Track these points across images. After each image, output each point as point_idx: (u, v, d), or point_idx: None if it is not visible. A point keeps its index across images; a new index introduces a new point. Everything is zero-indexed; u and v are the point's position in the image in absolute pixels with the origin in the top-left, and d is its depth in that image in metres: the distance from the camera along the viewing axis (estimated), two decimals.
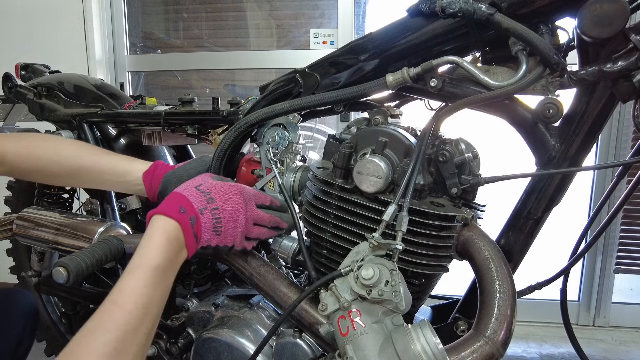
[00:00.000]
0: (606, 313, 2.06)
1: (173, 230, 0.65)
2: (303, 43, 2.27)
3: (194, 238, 0.67)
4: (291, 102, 0.78)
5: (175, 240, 0.65)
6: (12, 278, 1.47)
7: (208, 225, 0.69)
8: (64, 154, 0.90)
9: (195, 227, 0.67)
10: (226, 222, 0.71)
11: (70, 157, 0.90)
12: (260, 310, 0.92)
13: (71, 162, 0.90)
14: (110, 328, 0.55)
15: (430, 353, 0.55)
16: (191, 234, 0.66)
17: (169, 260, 0.63)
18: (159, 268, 0.61)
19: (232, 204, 0.71)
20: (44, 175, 0.92)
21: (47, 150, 0.90)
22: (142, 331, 0.58)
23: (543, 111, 0.66)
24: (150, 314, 0.59)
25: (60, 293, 1.25)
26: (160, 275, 0.61)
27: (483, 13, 0.63)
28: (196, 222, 0.67)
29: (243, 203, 0.73)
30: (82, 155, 0.91)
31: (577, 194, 1.37)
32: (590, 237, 0.92)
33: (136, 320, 0.57)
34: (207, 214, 0.68)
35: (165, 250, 0.63)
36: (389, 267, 0.61)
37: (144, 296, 0.59)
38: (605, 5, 0.59)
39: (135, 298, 0.58)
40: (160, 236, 0.64)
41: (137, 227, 1.23)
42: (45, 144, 0.92)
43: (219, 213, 0.70)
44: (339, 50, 0.80)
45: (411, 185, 0.65)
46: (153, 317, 0.60)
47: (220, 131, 1.04)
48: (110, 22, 2.29)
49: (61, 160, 0.90)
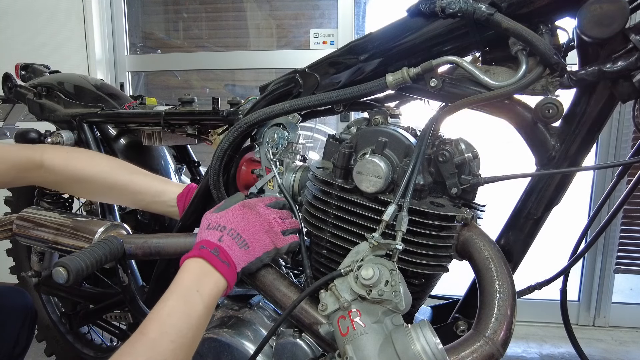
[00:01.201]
0: (606, 313, 2.06)
1: (198, 265, 0.66)
2: (303, 43, 2.27)
3: (225, 264, 0.67)
4: (291, 102, 0.78)
5: (201, 271, 0.66)
6: (12, 278, 1.47)
7: (232, 247, 0.69)
8: (98, 169, 0.91)
9: (221, 255, 0.68)
10: (247, 234, 0.71)
11: (106, 173, 0.91)
12: (260, 310, 0.92)
13: (106, 177, 0.91)
14: (133, 354, 0.56)
15: (430, 353, 0.55)
16: (219, 261, 0.67)
17: (194, 291, 0.63)
18: (183, 297, 0.62)
19: (240, 218, 0.72)
20: (78, 188, 0.93)
21: (82, 163, 0.91)
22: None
23: (543, 111, 0.66)
24: (175, 342, 0.58)
25: (60, 293, 1.25)
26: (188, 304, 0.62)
27: (483, 13, 0.63)
28: (219, 251, 0.68)
29: (249, 210, 0.74)
30: (117, 173, 0.92)
31: (577, 194, 1.38)
32: (590, 237, 0.92)
33: (160, 348, 0.57)
34: (225, 239, 0.69)
35: (191, 282, 0.64)
36: (389, 267, 0.61)
37: (167, 325, 0.59)
38: (605, 5, 0.59)
39: (159, 327, 0.58)
40: (184, 273, 0.65)
41: (137, 227, 1.23)
42: (80, 155, 0.93)
43: (235, 232, 0.70)
44: (339, 50, 0.80)
45: (411, 185, 0.65)
46: (181, 347, 0.59)
47: (220, 131, 1.04)
48: (110, 22, 2.29)
49: (96, 175, 0.90)
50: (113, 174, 0.91)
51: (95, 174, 0.90)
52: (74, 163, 0.90)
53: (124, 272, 0.87)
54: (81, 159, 0.92)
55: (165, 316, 0.60)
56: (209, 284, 0.65)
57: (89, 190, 0.93)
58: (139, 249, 0.82)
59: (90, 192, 0.94)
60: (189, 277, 0.65)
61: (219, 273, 0.66)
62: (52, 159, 0.88)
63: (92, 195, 1.01)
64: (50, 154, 0.89)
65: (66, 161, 0.89)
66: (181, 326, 0.60)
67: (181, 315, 0.60)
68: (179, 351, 0.59)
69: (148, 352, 0.56)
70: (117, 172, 0.92)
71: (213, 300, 0.65)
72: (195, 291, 0.63)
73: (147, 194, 0.92)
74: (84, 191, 0.95)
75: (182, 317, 0.60)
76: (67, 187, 0.94)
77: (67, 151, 0.94)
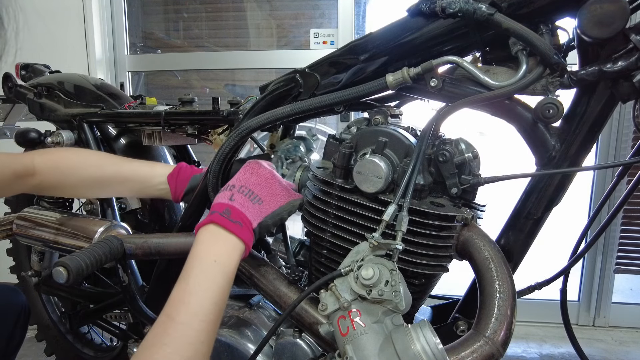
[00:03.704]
0: (606, 313, 2.06)
1: (210, 232, 0.64)
2: (303, 43, 2.27)
3: (238, 224, 0.65)
4: (292, 106, 0.78)
5: (215, 238, 0.64)
6: (12, 278, 1.47)
7: (245, 203, 0.68)
8: (86, 165, 0.92)
9: (233, 215, 0.66)
10: (259, 189, 0.70)
11: (93, 167, 0.92)
12: (260, 310, 0.92)
13: (94, 173, 0.91)
14: (167, 341, 0.55)
15: (430, 353, 0.55)
16: (230, 223, 0.65)
17: (212, 262, 0.62)
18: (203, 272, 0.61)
19: (249, 174, 0.71)
20: (71, 188, 0.93)
21: (71, 162, 0.91)
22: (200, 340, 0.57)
23: (543, 111, 0.66)
24: (205, 321, 0.58)
25: (60, 293, 1.25)
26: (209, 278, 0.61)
27: (483, 13, 0.63)
28: (231, 211, 0.66)
29: (256, 165, 0.73)
30: (104, 165, 0.93)
31: (577, 194, 1.38)
32: (590, 237, 0.92)
33: (192, 331, 0.56)
34: (237, 197, 0.68)
35: (207, 253, 0.62)
36: (389, 267, 0.61)
37: (194, 305, 0.58)
38: (605, 5, 0.59)
39: (185, 309, 0.58)
40: (198, 244, 0.64)
41: (137, 227, 1.23)
42: (69, 155, 0.94)
43: (246, 189, 0.69)
44: (339, 50, 0.80)
45: (411, 185, 0.65)
46: (210, 323, 0.59)
47: (220, 131, 1.04)
48: (111, 22, 2.29)
49: (84, 171, 0.91)
50: (100, 167, 0.92)
51: (85, 169, 0.91)
52: (65, 163, 0.91)
53: (124, 272, 0.87)
54: (70, 157, 0.93)
55: (190, 296, 0.59)
56: (225, 250, 0.63)
57: (82, 187, 0.94)
58: (139, 249, 0.82)
59: (84, 189, 0.94)
60: (204, 247, 0.63)
61: (234, 235, 0.64)
62: (44, 162, 0.88)
63: (86, 193, 1.01)
64: (40, 158, 0.89)
65: (57, 163, 0.90)
66: (206, 303, 0.59)
67: (205, 292, 0.60)
68: (210, 327, 0.59)
69: (182, 337, 0.56)
70: (104, 164, 0.93)
71: (233, 266, 0.64)
72: (213, 262, 0.62)
73: (136, 181, 0.92)
74: (78, 190, 0.95)
75: (206, 293, 0.59)
76: (62, 190, 0.94)
77: (55, 152, 0.95)
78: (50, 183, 0.90)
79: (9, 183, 0.85)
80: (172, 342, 0.55)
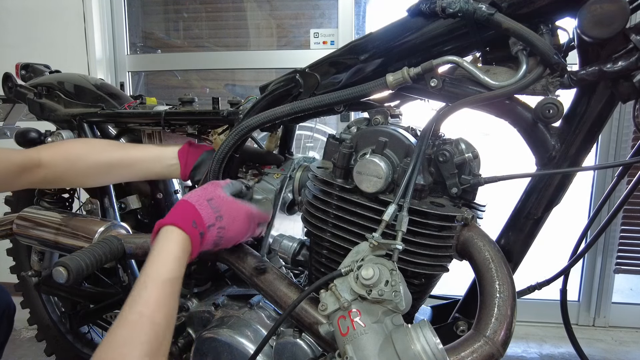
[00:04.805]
0: (606, 313, 2.06)
1: (187, 244, 0.67)
2: (303, 43, 2.27)
3: (198, 249, 0.70)
4: (292, 105, 0.78)
5: (186, 252, 0.67)
6: (12, 278, 1.47)
7: (211, 241, 0.72)
8: (95, 150, 0.93)
9: (202, 240, 0.70)
10: (227, 240, 0.74)
11: (101, 153, 0.93)
12: (260, 310, 0.92)
13: (102, 158, 0.93)
14: (144, 340, 0.56)
15: (430, 353, 0.55)
16: (198, 246, 0.69)
17: (182, 271, 0.66)
18: (178, 279, 0.64)
19: (237, 226, 0.74)
20: (79, 176, 0.94)
21: (79, 150, 0.93)
22: (167, 341, 0.60)
23: (543, 111, 0.66)
24: (172, 324, 0.61)
25: (60, 293, 1.25)
26: (177, 285, 0.64)
27: (483, 13, 0.63)
28: (203, 237, 0.70)
29: (248, 226, 0.76)
30: (112, 150, 0.94)
31: (577, 194, 1.37)
32: (590, 237, 0.92)
33: (164, 332, 0.59)
34: (213, 231, 0.71)
35: (182, 263, 0.65)
36: (389, 267, 0.61)
37: (168, 307, 0.61)
38: (605, 5, 0.59)
39: (161, 309, 0.60)
40: (177, 248, 0.66)
41: (137, 227, 1.23)
42: (76, 144, 0.95)
43: (223, 232, 0.73)
44: (339, 50, 0.80)
45: (411, 185, 0.65)
46: (172, 327, 0.62)
47: (220, 131, 1.04)
48: (111, 22, 2.29)
49: (92, 158, 0.92)
50: (109, 151, 0.93)
51: (93, 155, 0.92)
52: (73, 152, 0.92)
53: (124, 272, 0.87)
54: (77, 146, 0.94)
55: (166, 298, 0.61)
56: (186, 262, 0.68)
57: (91, 174, 0.94)
58: (139, 249, 0.82)
59: (92, 176, 0.95)
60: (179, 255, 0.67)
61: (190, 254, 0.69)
62: (51, 154, 0.89)
63: (95, 179, 1.01)
64: (47, 151, 0.90)
65: (65, 153, 0.91)
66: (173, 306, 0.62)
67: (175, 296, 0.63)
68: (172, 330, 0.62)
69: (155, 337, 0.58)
70: (112, 149, 0.95)
71: None
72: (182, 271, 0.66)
73: (145, 161, 0.94)
74: (87, 177, 0.96)
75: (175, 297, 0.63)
76: (70, 179, 0.95)
77: (62, 144, 0.96)
78: (57, 174, 0.91)
79: (14, 176, 0.85)
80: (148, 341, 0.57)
